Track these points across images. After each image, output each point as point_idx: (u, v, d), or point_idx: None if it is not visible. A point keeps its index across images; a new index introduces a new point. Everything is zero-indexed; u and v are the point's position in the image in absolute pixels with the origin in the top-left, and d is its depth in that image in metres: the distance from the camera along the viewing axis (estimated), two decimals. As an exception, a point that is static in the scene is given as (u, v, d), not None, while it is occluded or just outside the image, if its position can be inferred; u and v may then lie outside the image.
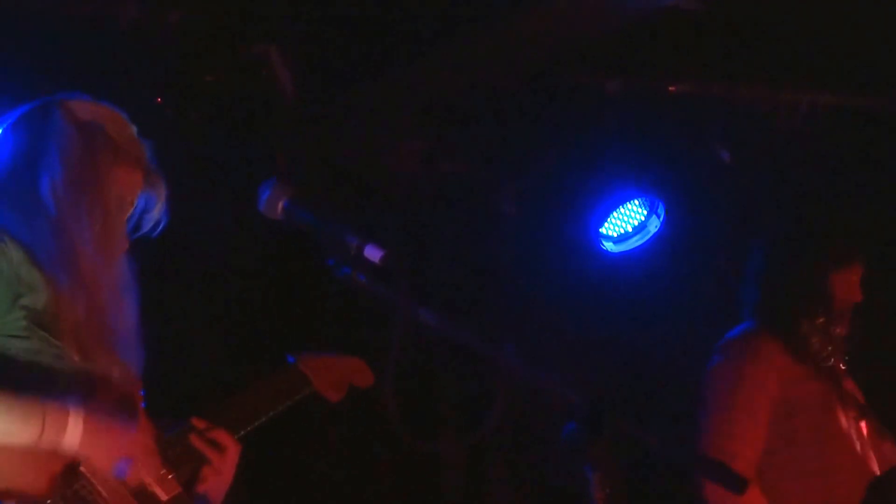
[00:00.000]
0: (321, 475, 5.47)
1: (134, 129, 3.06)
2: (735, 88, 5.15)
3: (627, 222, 5.44)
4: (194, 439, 2.97)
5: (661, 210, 5.39)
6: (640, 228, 5.44)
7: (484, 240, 5.55)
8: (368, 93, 4.85)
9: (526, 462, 5.73)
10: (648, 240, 5.43)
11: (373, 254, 2.52)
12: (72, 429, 2.67)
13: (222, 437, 3.00)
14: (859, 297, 4.48)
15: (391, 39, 4.61)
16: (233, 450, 3.01)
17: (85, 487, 2.71)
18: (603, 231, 5.39)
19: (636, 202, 5.41)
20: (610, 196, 5.32)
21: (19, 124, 2.98)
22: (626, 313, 5.54)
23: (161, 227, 3.09)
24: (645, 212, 5.43)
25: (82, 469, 2.72)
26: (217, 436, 3.00)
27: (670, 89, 5.07)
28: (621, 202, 5.38)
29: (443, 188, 5.41)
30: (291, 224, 2.66)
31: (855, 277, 4.49)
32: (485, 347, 2.43)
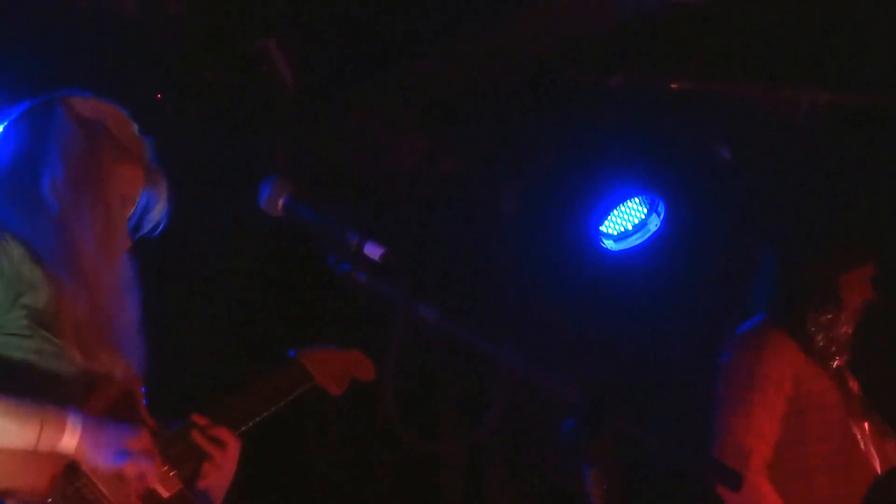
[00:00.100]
0: (321, 474, 5.47)
1: (135, 127, 3.06)
2: (736, 86, 5.14)
3: (628, 220, 5.44)
4: (196, 436, 2.97)
5: (662, 208, 5.39)
6: (641, 227, 5.44)
7: (484, 238, 5.55)
8: (369, 90, 4.85)
9: (525, 461, 5.73)
10: (648, 238, 5.44)
11: (373, 251, 2.52)
12: (69, 433, 2.67)
13: (223, 434, 3.00)
14: (871, 296, 4.49)
15: (392, 37, 4.61)
16: (234, 446, 3.01)
17: (86, 486, 2.72)
18: (603, 229, 5.40)
19: (636, 200, 5.42)
20: (610, 194, 5.32)
21: (21, 121, 2.98)
22: (626, 311, 5.54)
23: (161, 229, 3.09)
24: (645, 210, 5.43)
25: (84, 468, 2.72)
26: (218, 432, 3.00)
27: (672, 87, 5.06)
28: (621, 200, 5.38)
29: (443, 186, 5.40)
30: (291, 221, 2.65)
31: (867, 277, 4.49)
32: (484, 346, 2.42)
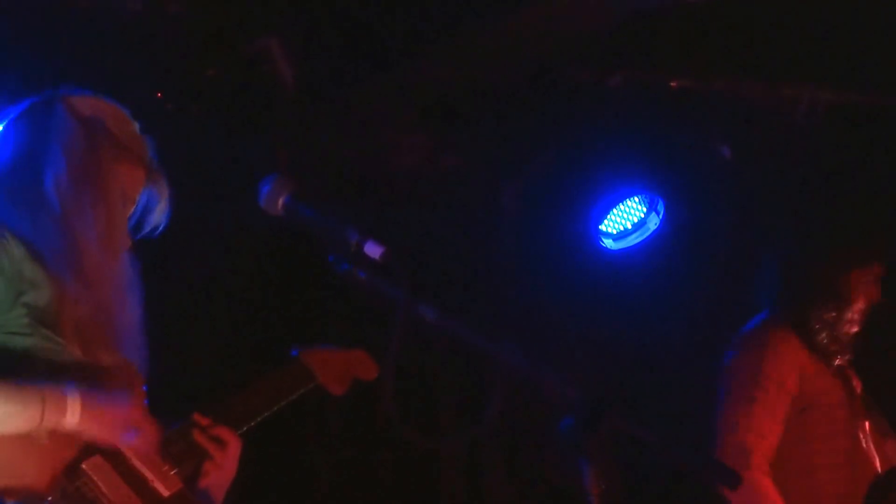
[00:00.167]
0: (321, 474, 5.48)
1: (136, 126, 3.06)
2: (735, 85, 5.14)
3: (627, 219, 5.44)
4: (196, 435, 2.96)
5: (661, 207, 5.39)
6: (640, 225, 5.44)
7: (484, 236, 5.55)
8: (369, 89, 4.85)
9: (525, 459, 5.73)
10: (648, 237, 5.44)
11: (373, 250, 2.51)
12: (71, 409, 2.67)
13: (224, 433, 3.00)
14: (878, 296, 4.49)
15: (392, 36, 4.61)
16: (234, 445, 3.01)
17: (87, 484, 2.71)
18: (602, 228, 5.40)
19: (636, 199, 5.42)
20: (609, 193, 5.33)
21: (22, 119, 2.98)
22: (625, 310, 5.54)
23: (161, 229, 3.09)
24: (644, 209, 5.43)
25: (84, 466, 2.72)
26: (219, 432, 2.99)
27: (671, 85, 5.06)
28: (621, 199, 5.38)
29: (443, 185, 5.41)
30: (292, 220, 2.65)
31: (873, 277, 4.50)
32: (484, 344, 2.43)
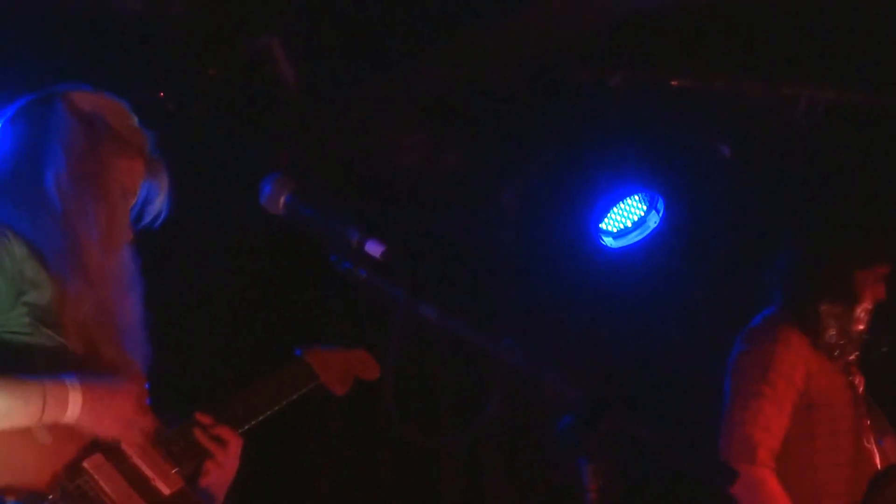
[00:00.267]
0: (321, 473, 5.48)
1: (135, 119, 3.06)
2: (735, 84, 5.14)
3: (627, 218, 5.45)
4: (198, 434, 2.97)
5: (661, 205, 5.40)
6: (640, 224, 5.45)
7: (484, 235, 5.56)
8: (371, 88, 4.85)
9: (524, 458, 5.74)
10: (648, 235, 5.44)
11: (374, 249, 2.52)
12: (72, 402, 2.68)
13: (225, 432, 3.00)
14: (883, 296, 4.50)
15: (394, 35, 4.61)
16: (235, 444, 3.01)
17: (87, 483, 2.72)
18: (603, 226, 5.40)
19: (636, 197, 5.42)
20: (610, 191, 5.33)
21: (19, 117, 2.97)
22: (625, 308, 5.55)
23: (162, 219, 3.08)
24: (644, 207, 5.44)
25: (85, 465, 2.73)
26: (220, 431, 2.99)
27: (671, 84, 5.07)
28: (621, 198, 5.39)
29: (444, 184, 5.41)
30: (293, 219, 2.66)
31: (880, 277, 4.51)
32: (484, 343, 2.43)
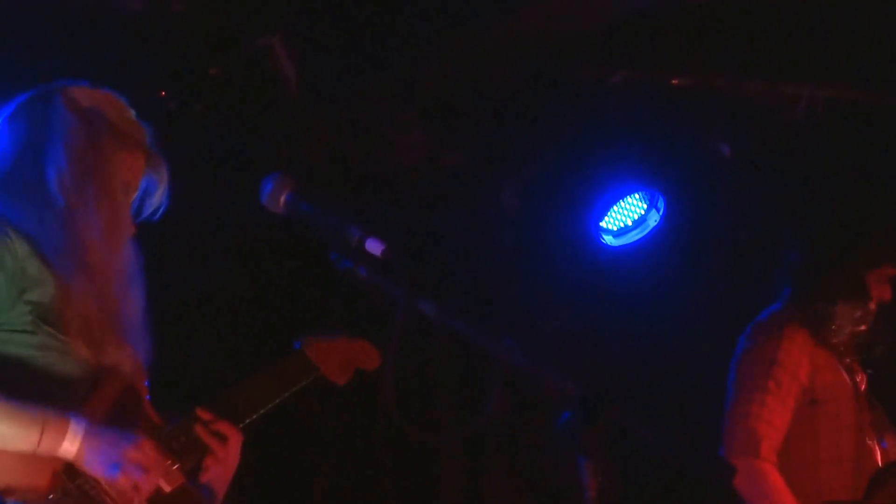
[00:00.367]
0: (321, 471, 5.49)
1: (133, 113, 3.06)
2: (736, 83, 5.14)
3: (627, 216, 5.45)
4: (198, 430, 2.96)
5: (661, 204, 5.40)
6: (640, 222, 5.45)
7: (485, 233, 5.56)
8: (371, 87, 4.86)
9: (524, 456, 5.74)
10: (648, 234, 5.44)
11: (374, 247, 2.53)
12: (70, 439, 2.67)
13: (225, 428, 3.00)
14: (889, 297, 4.51)
15: (394, 34, 4.62)
16: (235, 440, 3.01)
17: (88, 482, 2.72)
18: (603, 225, 5.41)
19: (636, 196, 5.43)
20: (610, 190, 5.33)
21: (19, 114, 2.97)
22: (625, 307, 5.55)
23: (161, 212, 3.08)
24: (645, 206, 5.44)
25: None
26: (220, 426, 2.99)
27: (672, 83, 5.07)
28: (621, 196, 5.39)
29: (444, 182, 5.41)
30: (294, 218, 2.66)
31: (886, 277, 4.52)
32: (484, 341, 2.44)
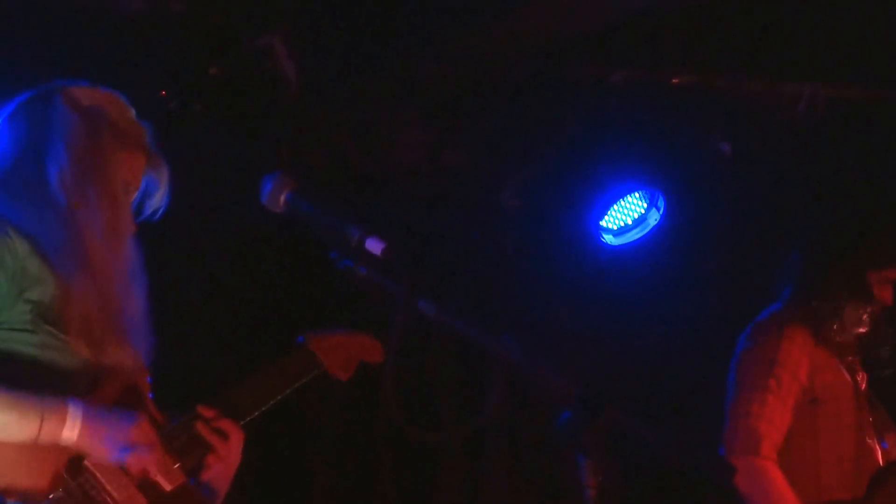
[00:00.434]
0: (320, 470, 5.49)
1: (133, 112, 3.06)
2: (737, 81, 5.15)
3: (627, 215, 5.45)
4: (200, 427, 2.96)
5: (661, 203, 5.40)
6: (640, 221, 5.45)
7: (486, 232, 5.56)
8: (372, 86, 4.86)
9: (524, 454, 5.74)
10: (648, 232, 5.45)
11: (374, 246, 2.53)
12: (70, 425, 2.67)
13: (227, 426, 2.99)
14: (890, 301, 4.52)
15: (395, 33, 4.62)
16: (237, 437, 3.00)
17: (89, 481, 2.72)
18: (603, 224, 5.41)
19: (636, 195, 5.43)
20: (610, 189, 5.33)
21: (19, 114, 2.97)
22: (625, 306, 5.55)
23: (162, 212, 3.08)
24: (645, 204, 5.44)
25: (86, 463, 2.72)
26: (222, 424, 2.98)
27: (672, 82, 5.07)
28: (621, 195, 5.39)
29: (445, 181, 5.42)
30: (293, 217, 2.66)
31: (887, 279, 4.52)
32: (484, 339, 2.44)
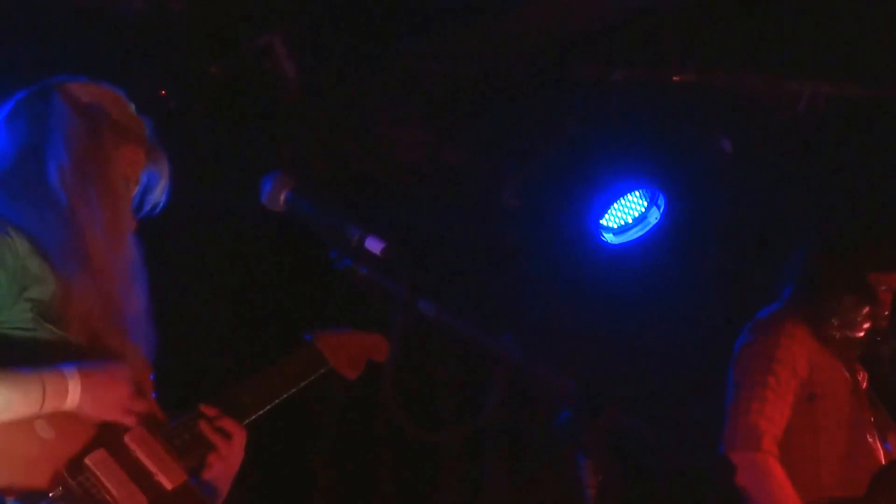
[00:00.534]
0: (321, 470, 5.49)
1: (133, 107, 3.05)
2: (737, 79, 5.15)
3: (628, 214, 5.44)
4: (202, 426, 2.95)
5: (662, 201, 5.40)
6: (641, 220, 5.45)
7: (486, 231, 5.56)
8: (372, 85, 4.87)
9: (524, 454, 5.74)
10: (648, 231, 5.44)
11: (374, 246, 2.53)
12: (72, 390, 2.68)
13: (229, 425, 2.98)
14: (888, 304, 4.53)
15: (395, 32, 4.62)
16: (239, 437, 2.99)
17: (89, 480, 2.71)
18: (603, 222, 5.40)
19: (637, 194, 5.42)
20: (610, 187, 5.33)
21: (18, 112, 2.96)
22: (626, 305, 5.55)
23: (161, 207, 3.08)
24: (645, 203, 5.44)
25: (87, 461, 2.72)
26: (224, 423, 2.97)
27: (673, 80, 5.07)
28: (622, 194, 5.38)
29: (445, 180, 5.41)
30: (293, 216, 2.66)
31: (890, 283, 4.52)
32: (484, 339, 2.44)
